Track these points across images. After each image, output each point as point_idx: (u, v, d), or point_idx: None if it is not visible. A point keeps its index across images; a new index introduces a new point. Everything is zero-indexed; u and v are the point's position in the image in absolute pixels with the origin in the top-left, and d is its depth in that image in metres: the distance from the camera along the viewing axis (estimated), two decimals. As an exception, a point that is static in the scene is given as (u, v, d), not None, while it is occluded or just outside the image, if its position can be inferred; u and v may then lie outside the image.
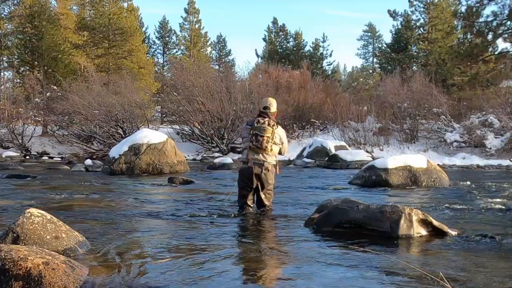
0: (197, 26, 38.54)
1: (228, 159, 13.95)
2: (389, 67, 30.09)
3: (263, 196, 5.25)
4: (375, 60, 43.96)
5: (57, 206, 5.87)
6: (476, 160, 15.60)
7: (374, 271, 3.08)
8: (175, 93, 21.07)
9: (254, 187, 5.20)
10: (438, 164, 9.79)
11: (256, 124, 5.14)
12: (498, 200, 6.44)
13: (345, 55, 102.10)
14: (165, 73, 34.92)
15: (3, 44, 26.56)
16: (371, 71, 44.33)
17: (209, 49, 41.32)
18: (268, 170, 5.18)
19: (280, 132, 5.27)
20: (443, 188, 8.00)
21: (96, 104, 19.64)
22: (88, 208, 5.72)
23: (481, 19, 18.64)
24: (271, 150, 5.17)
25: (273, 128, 5.15)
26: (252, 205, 5.29)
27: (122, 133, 19.50)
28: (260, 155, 5.15)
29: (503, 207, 5.73)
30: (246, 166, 5.18)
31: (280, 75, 25.03)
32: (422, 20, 29.20)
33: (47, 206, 5.73)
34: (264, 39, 36.63)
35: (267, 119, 5.19)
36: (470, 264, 3.29)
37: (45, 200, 6.44)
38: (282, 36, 36.31)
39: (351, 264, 3.27)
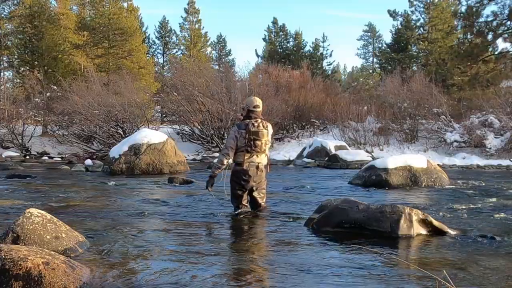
0: (197, 26, 38.50)
1: (228, 159, 13.90)
2: (389, 67, 30.04)
3: (257, 196, 5.28)
4: (375, 60, 43.90)
5: (57, 206, 5.88)
6: (476, 160, 15.57)
7: (374, 271, 3.08)
8: (175, 93, 21.04)
9: (249, 188, 5.21)
10: (438, 164, 9.78)
11: (252, 128, 5.11)
12: (498, 200, 6.44)
13: (345, 55, 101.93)
14: (165, 73, 34.86)
15: (3, 44, 26.51)
16: (371, 71, 44.23)
17: (209, 49, 41.30)
18: (262, 171, 5.23)
19: (270, 129, 5.31)
20: (443, 188, 8.00)
21: (96, 104, 19.61)
22: (88, 208, 5.73)
23: (481, 19, 18.60)
24: (266, 150, 5.25)
25: (267, 130, 5.20)
26: (247, 205, 5.29)
27: (122, 133, 19.47)
28: (255, 156, 5.17)
29: (503, 207, 5.72)
30: (241, 168, 5.16)
31: (280, 75, 24.96)
32: (422, 20, 29.20)
33: (47, 206, 5.74)
34: (264, 39, 36.61)
35: (259, 120, 5.19)
36: (470, 264, 3.29)
37: (45, 200, 6.44)
38: (282, 36, 36.25)
39: (351, 264, 3.27)
